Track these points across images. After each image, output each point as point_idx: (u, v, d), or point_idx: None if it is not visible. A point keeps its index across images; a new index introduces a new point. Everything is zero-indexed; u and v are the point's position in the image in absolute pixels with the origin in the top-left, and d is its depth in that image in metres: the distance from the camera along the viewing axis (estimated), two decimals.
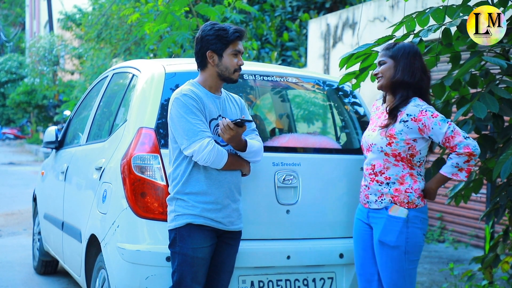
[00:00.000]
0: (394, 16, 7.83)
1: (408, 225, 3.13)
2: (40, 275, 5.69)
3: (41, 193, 5.62)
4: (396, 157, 3.14)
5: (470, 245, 7.18)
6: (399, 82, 3.16)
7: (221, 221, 3.08)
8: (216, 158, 2.99)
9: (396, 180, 3.15)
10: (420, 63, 3.19)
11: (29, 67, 24.06)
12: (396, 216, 3.13)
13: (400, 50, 3.19)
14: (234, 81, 3.14)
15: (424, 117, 3.08)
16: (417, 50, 3.22)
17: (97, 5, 14.40)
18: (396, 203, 3.14)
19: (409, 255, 3.14)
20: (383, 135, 3.16)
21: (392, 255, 3.15)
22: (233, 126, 2.96)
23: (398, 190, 3.14)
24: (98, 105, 4.46)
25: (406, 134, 3.11)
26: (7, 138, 31.76)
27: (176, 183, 3.08)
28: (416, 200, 3.14)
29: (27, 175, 14.21)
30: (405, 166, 3.16)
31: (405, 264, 3.15)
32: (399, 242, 3.13)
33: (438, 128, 3.06)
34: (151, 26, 5.93)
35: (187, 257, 3.03)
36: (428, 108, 3.11)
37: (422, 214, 3.18)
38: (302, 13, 11.34)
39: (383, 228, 3.16)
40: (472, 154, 3.04)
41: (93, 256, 3.72)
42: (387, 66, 3.20)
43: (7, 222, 8.42)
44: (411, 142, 3.12)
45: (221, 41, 3.06)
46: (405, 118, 3.12)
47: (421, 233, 3.17)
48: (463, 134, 3.05)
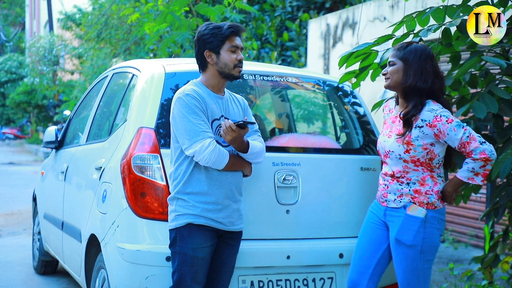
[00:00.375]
0: (394, 16, 7.83)
1: (426, 225, 3.12)
2: (40, 275, 5.69)
3: (41, 193, 5.62)
4: (416, 162, 3.14)
5: (470, 245, 7.18)
6: (412, 88, 3.10)
7: (222, 221, 3.08)
8: (218, 159, 2.99)
9: (416, 181, 3.15)
10: (432, 66, 3.13)
11: (29, 67, 24.05)
12: (414, 216, 3.13)
13: (411, 53, 3.12)
14: (235, 77, 3.13)
15: (439, 123, 3.05)
16: (429, 53, 3.16)
17: (97, 5, 14.40)
18: (416, 203, 3.14)
19: (425, 254, 3.14)
20: (400, 142, 3.14)
21: (407, 254, 3.15)
22: (235, 127, 2.95)
23: (418, 191, 3.14)
24: (98, 105, 4.46)
25: (422, 140, 3.10)
26: (7, 138, 31.75)
27: (177, 183, 3.08)
28: (436, 202, 3.15)
29: (27, 175, 14.21)
30: (424, 169, 3.15)
31: (420, 264, 3.15)
32: (415, 242, 3.13)
33: (453, 134, 3.03)
34: (151, 26, 5.93)
35: (187, 257, 3.03)
36: (442, 112, 3.07)
37: (440, 215, 3.18)
38: (302, 13, 11.33)
39: (400, 227, 3.16)
40: (488, 159, 3.02)
41: (93, 256, 3.72)
42: (395, 68, 3.16)
43: (7, 222, 8.42)
44: (428, 147, 3.11)
45: (216, 39, 3.07)
46: (420, 124, 3.09)
47: (438, 234, 3.18)
48: (479, 140, 3.03)
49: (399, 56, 3.15)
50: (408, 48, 3.15)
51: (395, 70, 3.16)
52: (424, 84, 3.10)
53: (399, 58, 3.15)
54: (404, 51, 3.15)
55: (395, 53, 3.19)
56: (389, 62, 3.20)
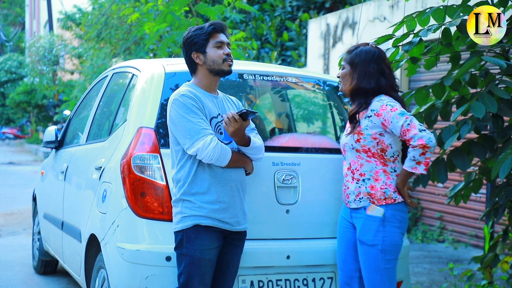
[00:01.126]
0: (394, 16, 7.83)
1: (385, 224, 3.16)
2: (40, 275, 5.70)
3: (40, 193, 5.62)
4: (367, 152, 3.20)
5: (470, 245, 7.18)
6: (356, 89, 3.22)
7: (228, 221, 3.07)
8: (221, 155, 2.99)
9: (370, 177, 3.20)
10: (377, 66, 3.21)
11: (29, 66, 24.05)
12: (373, 216, 3.18)
13: (357, 56, 3.23)
14: (226, 72, 3.13)
15: (384, 112, 3.13)
16: (375, 54, 3.23)
17: (97, 5, 14.40)
18: (374, 201, 3.18)
19: (386, 254, 3.17)
20: (352, 133, 3.23)
21: (369, 254, 3.20)
22: (238, 118, 2.96)
23: (374, 188, 3.19)
24: (98, 105, 4.46)
25: (371, 129, 3.17)
26: (6, 137, 31.74)
27: (181, 185, 3.06)
28: (393, 195, 3.17)
29: (26, 175, 14.21)
30: (377, 162, 3.20)
31: (381, 263, 3.18)
32: (376, 241, 3.17)
33: (396, 122, 3.09)
34: (151, 25, 5.93)
35: (194, 258, 3.01)
36: (389, 102, 3.15)
37: (401, 213, 3.20)
38: (302, 13, 11.34)
39: (361, 227, 3.22)
40: (425, 146, 3.02)
41: (92, 255, 3.72)
42: (344, 72, 3.29)
43: (7, 221, 8.42)
44: (378, 137, 3.17)
45: (199, 38, 3.10)
46: (369, 114, 3.19)
47: (398, 232, 3.20)
48: (419, 127, 3.05)
49: (347, 60, 3.28)
50: (354, 52, 3.26)
51: (343, 74, 3.29)
52: (367, 85, 3.20)
53: (347, 62, 3.28)
54: (350, 55, 3.27)
55: (345, 56, 3.31)
56: (342, 66, 3.32)
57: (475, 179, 4.05)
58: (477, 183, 4.05)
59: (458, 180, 5.15)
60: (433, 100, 3.86)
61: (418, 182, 3.79)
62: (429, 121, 3.81)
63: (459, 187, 4.10)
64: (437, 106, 3.81)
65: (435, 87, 3.66)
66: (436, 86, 3.66)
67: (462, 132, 3.41)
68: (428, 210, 7.89)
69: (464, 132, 3.40)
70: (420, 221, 7.96)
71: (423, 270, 6.13)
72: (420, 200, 7.98)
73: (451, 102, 3.82)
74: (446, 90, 3.73)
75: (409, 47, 3.59)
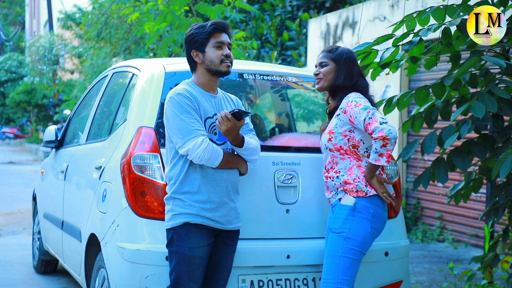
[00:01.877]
0: (394, 16, 7.83)
1: (355, 213, 3.16)
2: (40, 274, 5.70)
3: (41, 193, 5.62)
4: (340, 150, 3.23)
5: (470, 245, 7.18)
6: (340, 86, 3.28)
7: (219, 220, 3.08)
8: (211, 156, 2.99)
9: (345, 173, 3.23)
10: (358, 68, 3.35)
11: (29, 66, 24.06)
12: (344, 204, 3.19)
13: (342, 55, 3.31)
14: (223, 73, 3.13)
15: (349, 108, 3.18)
16: (355, 56, 3.37)
17: (97, 4, 14.40)
18: (347, 192, 3.21)
19: (349, 242, 3.13)
20: (325, 133, 3.29)
21: (332, 240, 3.18)
22: (230, 117, 2.96)
23: (347, 182, 3.21)
24: (98, 104, 4.46)
25: (341, 127, 3.22)
26: (7, 137, 31.76)
27: (173, 183, 3.08)
28: (365, 188, 3.18)
29: (27, 175, 14.22)
30: (351, 158, 3.23)
31: (341, 250, 3.13)
32: (342, 229, 3.16)
33: (359, 116, 3.12)
34: (151, 25, 5.93)
35: (184, 256, 3.03)
36: (354, 98, 3.21)
37: (374, 207, 3.19)
38: (302, 13, 11.34)
39: (333, 216, 3.24)
40: (385, 138, 3.03)
41: (93, 255, 3.72)
42: (329, 68, 3.31)
43: (7, 221, 8.42)
44: (348, 134, 3.21)
45: (200, 37, 3.10)
46: (338, 112, 3.25)
47: (368, 225, 3.16)
48: (380, 120, 3.07)
49: (331, 57, 3.32)
50: (339, 50, 3.33)
51: (328, 70, 3.31)
52: (350, 82, 3.29)
53: (331, 59, 3.32)
54: (335, 53, 3.32)
55: (326, 54, 3.35)
56: (321, 63, 3.34)
57: (475, 179, 4.04)
58: (477, 182, 4.05)
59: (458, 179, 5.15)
60: (433, 100, 3.86)
61: (418, 182, 3.79)
62: (429, 121, 3.81)
63: (459, 187, 4.10)
64: (437, 106, 3.81)
65: (435, 87, 3.66)
66: (436, 86, 3.66)
67: (462, 132, 3.41)
68: (428, 209, 7.89)
69: (464, 132, 3.40)
70: (420, 221, 7.96)
71: (423, 270, 6.13)
72: (420, 199, 7.98)
73: (451, 101, 3.82)
74: (446, 90, 3.73)
75: (409, 47, 3.58)
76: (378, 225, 3.22)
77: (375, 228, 3.20)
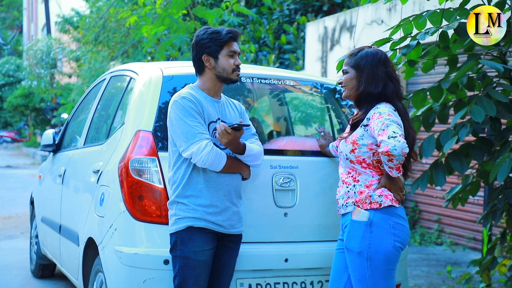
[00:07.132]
0: (391, 19, 7.84)
1: (372, 229, 2.92)
2: (37, 279, 5.68)
3: (38, 196, 5.61)
4: (362, 163, 3.00)
5: (468, 248, 7.18)
6: (364, 94, 3.01)
7: (222, 224, 3.07)
8: (215, 160, 2.99)
9: (364, 184, 3.00)
10: (384, 70, 3.01)
11: (27, 70, 24.07)
12: (358, 221, 2.96)
13: (362, 59, 3.02)
14: (234, 81, 3.16)
15: (373, 120, 2.94)
16: (381, 57, 3.03)
17: (94, 8, 14.41)
18: (359, 205, 2.97)
19: (372, 262, 2.90)
20: (347, 142, 3.04)
21: (355, 262, 2.96)
22: (230, 130, 2.96)
23: (362, 192, 2.98)
24: (95, 108, 4.46)
25: (367, 140, 2.98)
26: (4, 141, 31.71)
27: (176, 187, 3.07)
28: (379, 199, 2.94)
29: (24, 178, 14.19)
30: (373, 173, 3.01)
31: (367, 272, 2.91)
32: (362, 248, 2.92)
33: (376, 128, 2.89)
34: (148, 29, 5.93)
35: (188, 260, 3.02)
36: (381, 110, 2.94)
37: (393, 218, 2.95)
38: (299, 16, 11.35)
39: (348, 234, 3.00)
40: (389, 154, 2.78)
41: (90, 259, 3.71)
42: (349, 77, 3.06)
43: (4, 225, 8.41)
44: (374, 148, 2.96)
45: (215, 44, 3.08)
46: (366, 122, 2.99)
47: (389, 239, 2.91)
48: (390, 134, 2.80)
49: (351, 64, 3.06)
50: (359, 54, 3.05)
51: (348, 79, 3.07)
52: (375, 89, 2.99)
53: (351, 66, 3.06)
54: (355, 57, 3.05)
55: (347, 60, 3.09)
56: (343, 71, 3.11)
57: (473, 182, 4.05)
58: (475, 185, 4.05)
59: (456, 182, 5.15)
60: (430, 103, 3.86)
61: (416, 185, 3.79)
62: (427, 124, 3.81)
63: (457, 190, 4.10)
64: (434, 109, 3.82)
65: (433, 90, 3.67)
66: (433, 89, 3.66)
67: (460, 136, 3.41)
68: (426, 212, 7.89)
69: (463, 136, 3.40)
70: (418, 224, 7.97)
71: (421, 273, 6.13)
72: (418, 203, 7.98)
73: (448, 105, 3.83)
74: (443, 93, 3.73)
75: (407, 50, 3.59)
76: (402, 238, 2.96)
77: (399, 242, 2.94)
